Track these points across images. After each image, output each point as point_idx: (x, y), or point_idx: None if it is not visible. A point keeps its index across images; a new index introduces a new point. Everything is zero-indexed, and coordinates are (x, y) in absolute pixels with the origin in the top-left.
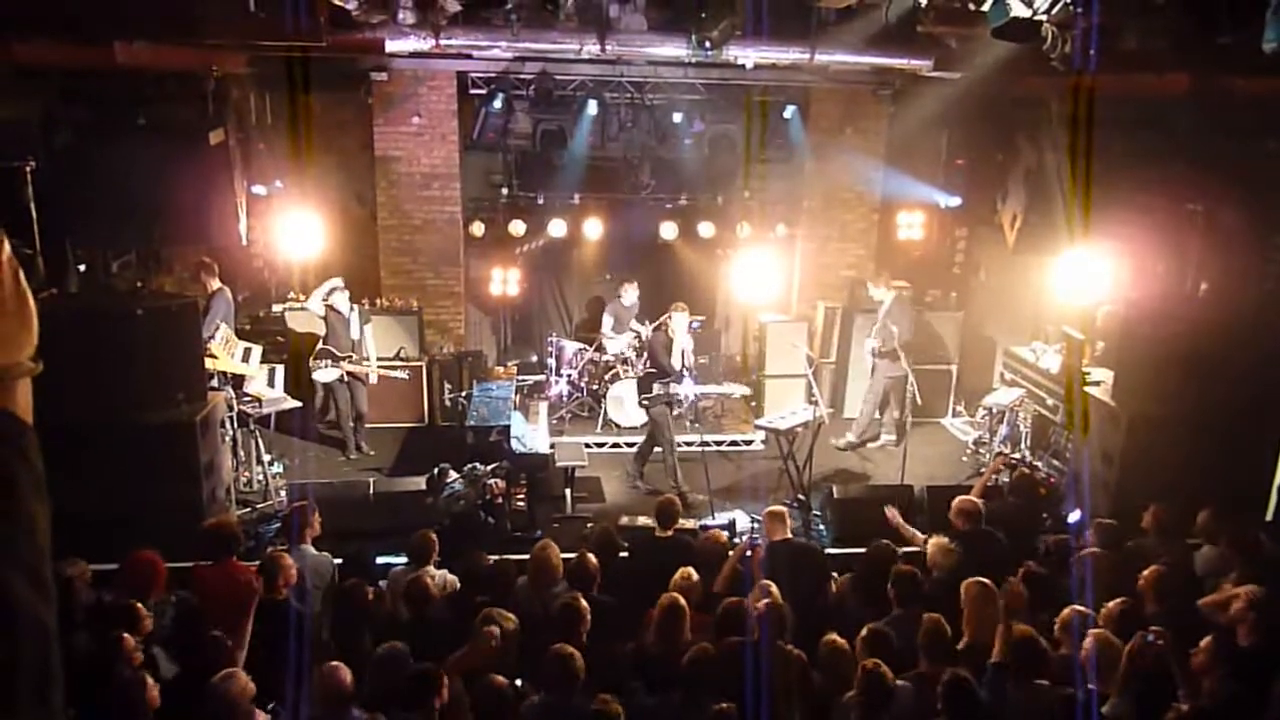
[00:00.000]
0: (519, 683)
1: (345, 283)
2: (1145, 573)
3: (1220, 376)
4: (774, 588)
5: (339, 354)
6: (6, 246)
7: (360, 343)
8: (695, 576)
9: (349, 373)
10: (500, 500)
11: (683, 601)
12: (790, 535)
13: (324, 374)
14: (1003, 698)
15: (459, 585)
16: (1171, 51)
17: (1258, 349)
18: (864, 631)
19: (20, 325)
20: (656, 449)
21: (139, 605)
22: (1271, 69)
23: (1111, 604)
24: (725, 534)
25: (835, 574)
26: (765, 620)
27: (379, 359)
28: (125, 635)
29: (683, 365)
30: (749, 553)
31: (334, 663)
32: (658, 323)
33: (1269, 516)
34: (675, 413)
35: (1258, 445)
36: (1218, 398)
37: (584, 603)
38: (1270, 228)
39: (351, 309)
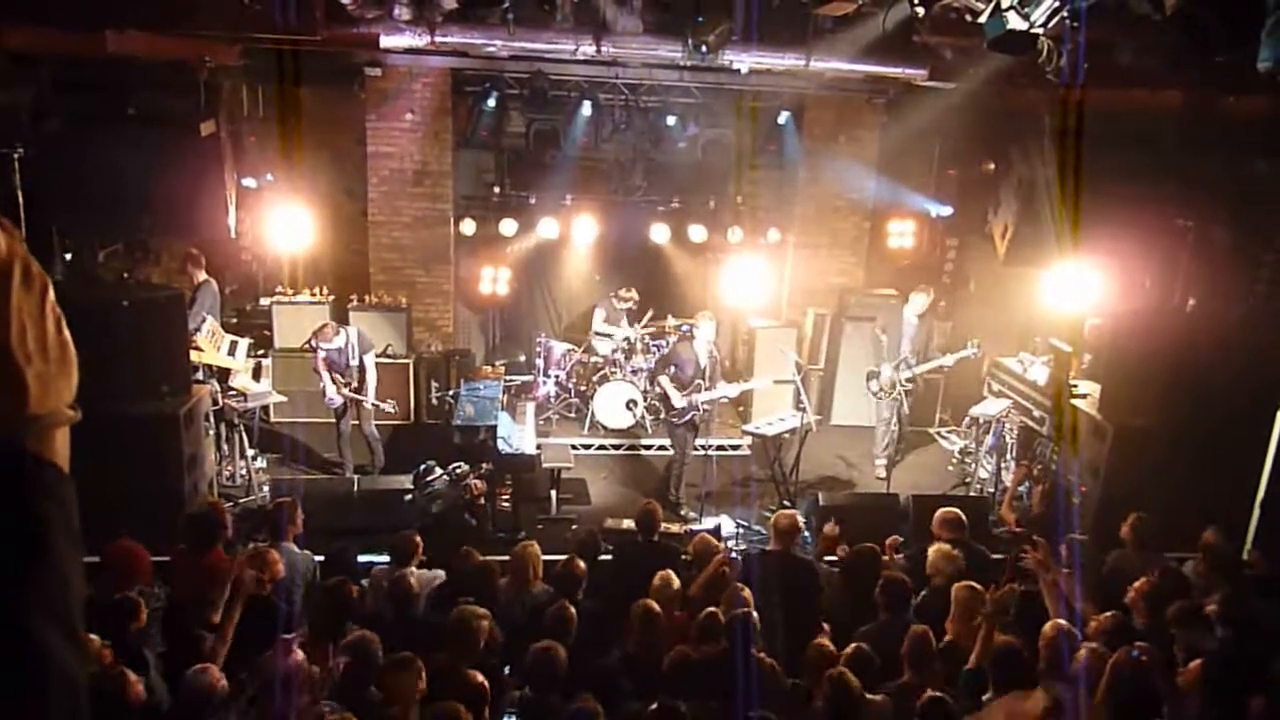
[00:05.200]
0: (506, 670)
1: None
2: (1135, 585)
3: (1206, 391)
4: (746, 591)
5: (342, 379)
6: (51, 294)
7: (362, 371)
8: (675, 581)
9: (349, 399)
10: (481, 501)
11: (658, 608)
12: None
13: (330, 389)
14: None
15: (439, 584)
16: (1166, 68)
17: (1244, 364)
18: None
19: (61, 374)
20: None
21: (137, 599)
22: (1263, 89)
23: (1102, 617)
24: (714, 538)
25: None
26: (739, 627)
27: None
28: (90, 636)
29: (697, 374)
30: (726, 567)
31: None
32: (675, 326)
33: (1252, 532)
34: (696, 428)
35: (1242, 460)
36: (1204, 412)
37: (572, 610)
38: (1258, 245)
39: (347, 337)
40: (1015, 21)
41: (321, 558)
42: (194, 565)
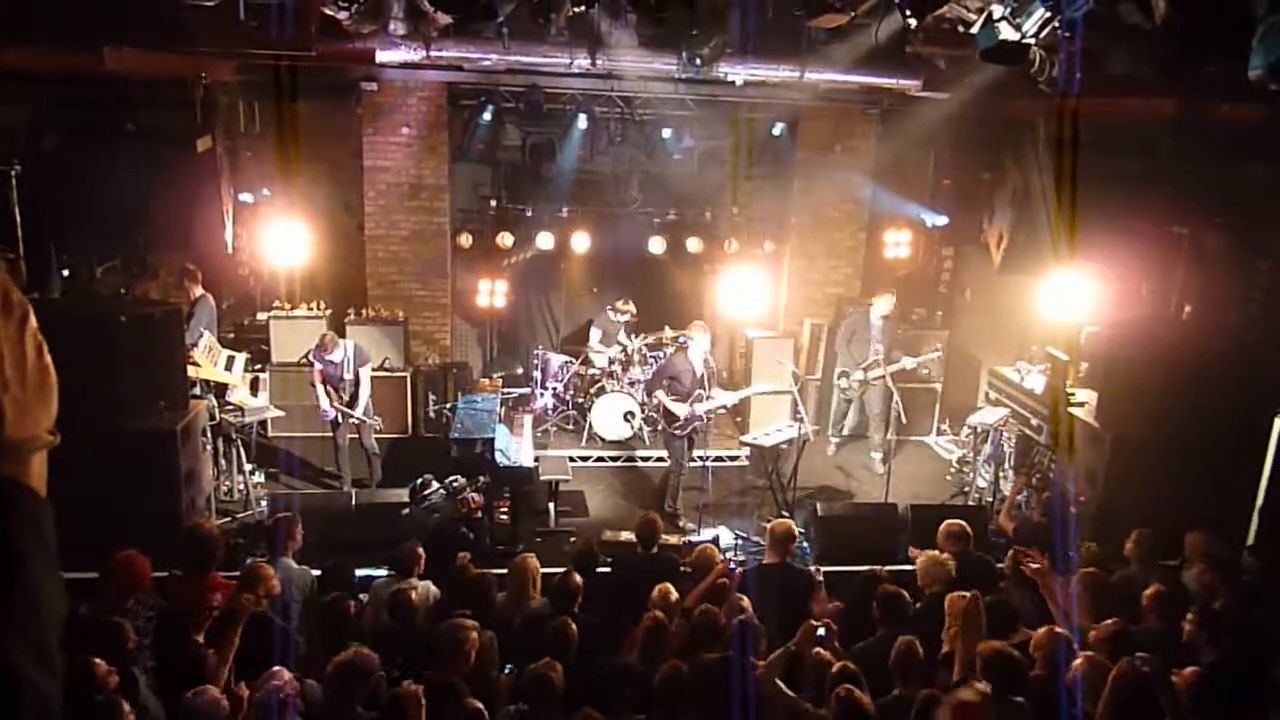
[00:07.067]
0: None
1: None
2: (1147, 591)
3: (1203, 398)
4: (745, 601)
5: (337, 393)
6: (32, 321)
7: (356, 384)
8: (673, 593)
9: (340, 411)
10: (479, 514)
11: (664, 619)
12: (786, 559)
13: (324, 401)
14: None
15: (438, 597)
16: (1158, 76)
17: (1240, 372)
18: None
19: (40, 400)
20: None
21: (123, 624)
22: (1256, 96)
23: (1103, 625)
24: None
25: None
26: (739, 635)
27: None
28: (96, 661)
29: (695, 384)
30: (725, 579)
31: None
32: (673, 338)
33: (1250, 539)
34: (694, 441)
35: (1240, 468)
36: (1201, 420)
37: (573, 626)
38: (1253, 252)
39: (344, 350)
40: (1007, 32)
41: (319, 572)
42: (189, 586)
